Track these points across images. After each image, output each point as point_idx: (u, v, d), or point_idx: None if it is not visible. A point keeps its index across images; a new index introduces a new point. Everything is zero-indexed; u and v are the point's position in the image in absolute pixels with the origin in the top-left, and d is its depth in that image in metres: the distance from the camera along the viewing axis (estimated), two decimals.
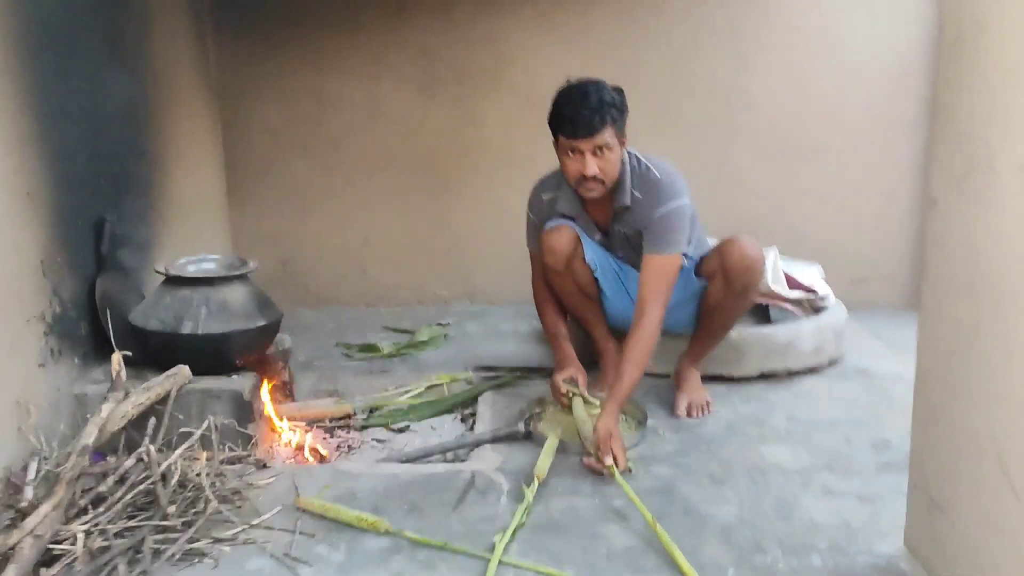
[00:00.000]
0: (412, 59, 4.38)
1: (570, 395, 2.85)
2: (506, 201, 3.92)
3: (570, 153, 2.77)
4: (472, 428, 3.08)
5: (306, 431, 3.02)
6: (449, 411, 3.28)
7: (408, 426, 3.16)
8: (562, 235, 2.97)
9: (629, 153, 2.91)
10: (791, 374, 3.35)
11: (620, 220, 2.95)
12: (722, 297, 2.94)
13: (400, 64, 4.38)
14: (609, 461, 2.54)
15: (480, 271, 4.59)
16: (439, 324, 4.20)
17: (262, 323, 2.87)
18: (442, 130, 4.44)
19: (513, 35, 4.34)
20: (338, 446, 3.00)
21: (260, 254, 4.38)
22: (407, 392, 3.38)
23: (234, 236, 4.56)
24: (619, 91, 2.78)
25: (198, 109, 4.17)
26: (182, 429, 2.60)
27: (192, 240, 3.94)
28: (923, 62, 4.23)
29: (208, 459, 2.49)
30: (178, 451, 2.40)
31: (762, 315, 3.60)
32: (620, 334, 3.22)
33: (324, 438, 3.04)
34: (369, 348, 3.86)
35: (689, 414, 3.02)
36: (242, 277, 2.92)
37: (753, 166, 4.39)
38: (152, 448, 2.40)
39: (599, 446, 2.58)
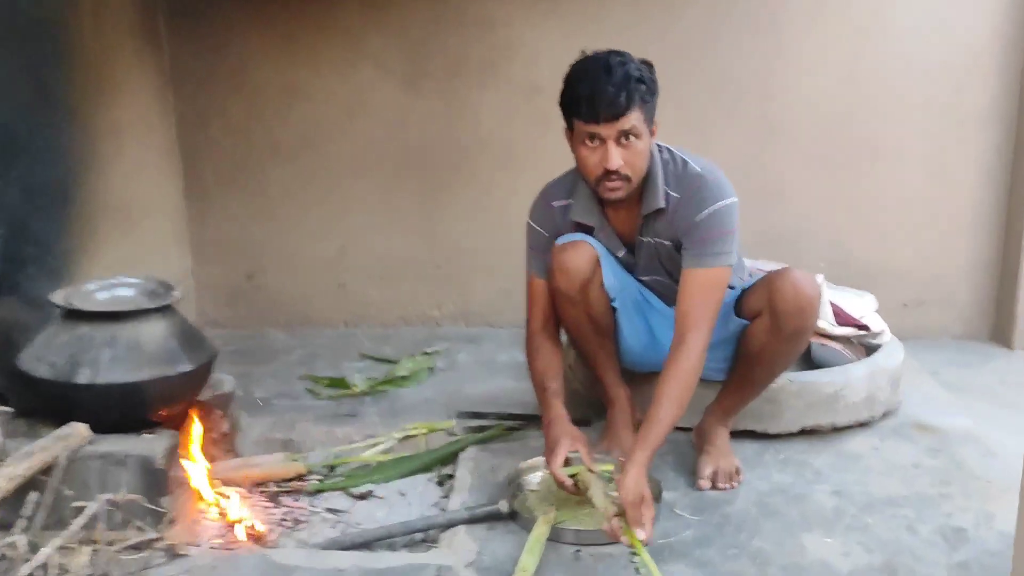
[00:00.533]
0: (397, 46, 3.88)
1: (582, 483, 2.30)
2: (506, 209, 3.44)
3: (588, 142, 2.28)
4: (449, 495, 2.58)
5: (244, 498, 2.53)
6: (426, 469, 2.78)
7: (372, 491, 2.66)
8: (579, 252, 2.47)
9: (659, 146, 2.44)
10: (837, 429, 2.82)
11: (650, 229, 2.47)
12: (767, 342, 2.43)
13: (383, 52, 3.89)
14: (642, 535, 2.08)
15: (476, 288, 4.10)
16: (425, 353, 3.70)
17: (186, 368, 2.38)
18: (431, 127, 3.95)
19: (514, 19, 3.84)
20: (282, 519, 2.51)
21: (223, 266, 4.01)
22: (375, 444, 2.88)
23: (193, 247, 4.09)
24: (648, 65, 2.30)
25: (146, 101, 3.69)
26: (76, 504, 2.13)
27: (136, 254, 3.47)
28: (995, 51, 3.70)
29: (94, 548, 2.01)
30: (50, 546, 1.92)
31: (802, 355, 3.07)
32: (630, 377, 2.77)
33: (266, 507, 2.55)
34: (338, 383, 3.36)
35: (714, 485, 2.51)
36: (163, 309, 2.42)
37: (793, 173, 3.88)
38: (22, 539, 1.92)
39: (627, 512, 2.11)
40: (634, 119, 2.22)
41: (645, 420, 2.28)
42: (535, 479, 2.53)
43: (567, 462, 2.33)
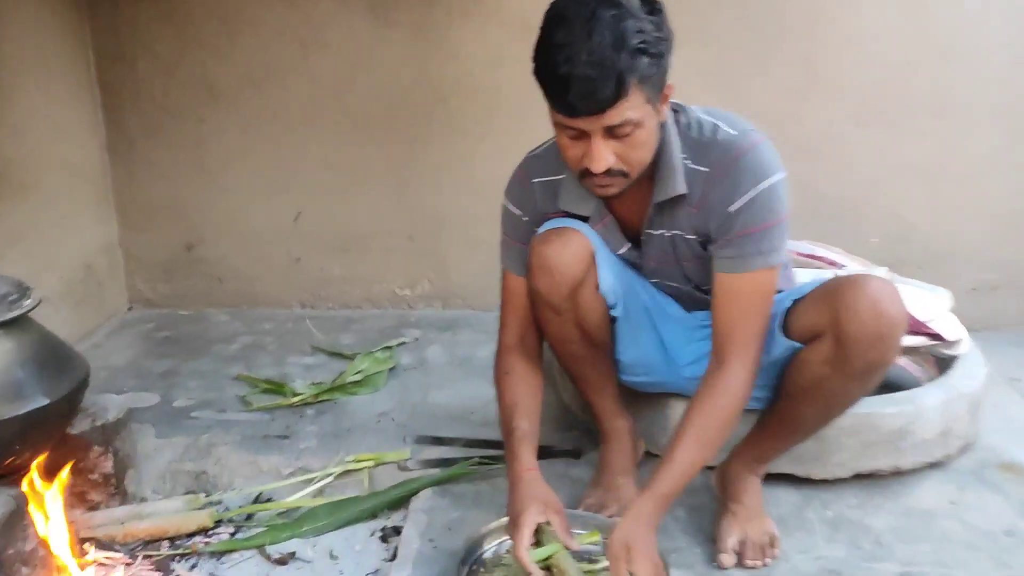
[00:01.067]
0: None
1: (558, 570, 1.73)
2: (492, 169, 2.74)
3: (568, 132, 1.66)
4: (394, 557, 2.02)
5: (125, 565, 1.98)
6: (371, 516, 2.21)
7: (295, 552, 2.10)
8: (567, 245, 1.88)
9: (676, 108, 1.81)
10: (899, 472, 2.22)
11: (664, 219, 1.86)
12: (827, 376, 1.80)
13: None
14: None
15: (455, 264, 3.53)
16: (386, 348, 3.12)
17: (38, 404, 1.81)
18: (402, 68, 3.33)
19: None
20: None
21: (157, 235, 3.53)
22: (309, 480, 2.31)
23: (120, 211, 3.55)
24: (653, 11, 1.59)
25: (51, 34, 3.09)
26: None
27: (38, 225, 3.03)
28: None
29: None
30: None
31: None
32: (632, 399, 2.22)
33: None
34: (276, 388, 2.80)
35: (741, 561, 1.92)
36: (8, 324, 1.83)
37: (841, 131, 3.24)
38: None
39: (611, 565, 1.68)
40: (628, 109, 1.58)
41: (661, 460, 1.73)
42: (503, 549, 1.94)
43: (537, 538, 1.76)
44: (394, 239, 3.50)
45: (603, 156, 1.63)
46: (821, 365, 1.79)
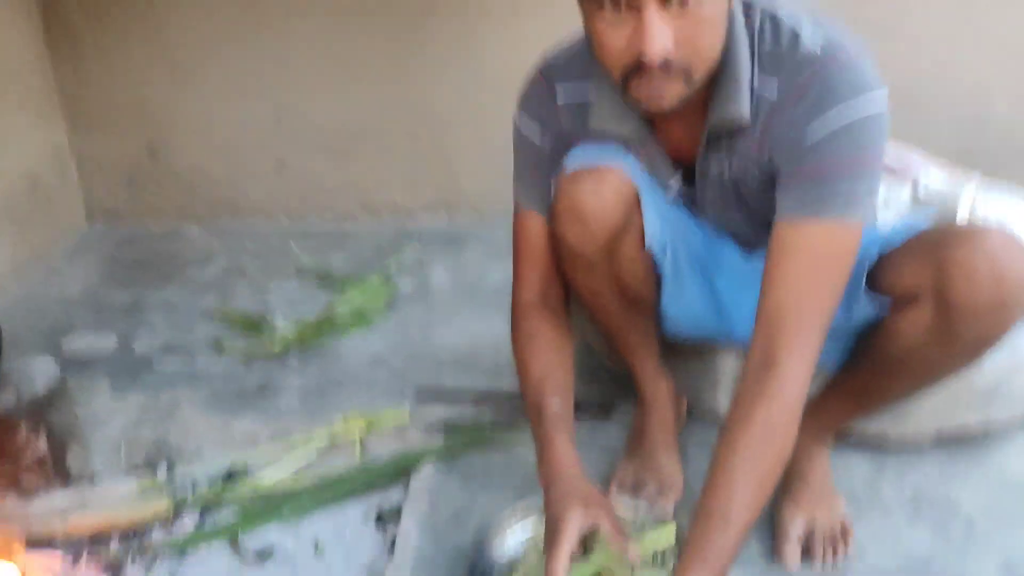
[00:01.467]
0: None
1: None
2: (506, 59, 2.50)
3: (608, 11, 1.28)
4: (392, 548, 1.76)
5: (71, 562, 1.74)
6: (362, 491, 1.94)
7: (272, 546, 1.84)
8: (604, 185, 1.54)
9: (748, 5, 1.42)
10: (987, 431, 1.93)
11: (723, 148, 1.50)
12: (926, 347, 1.47)
13: None
14: None
15: (463, 167, 3.19)
16: (382, 272, 2.83)
17: None
18: None
19: None
20: None
21: (114, 137, 3.21)
22: (292, 449, 2.05)
23: (67, 112, 3.22)
24: None
25: None
26: None
27: None
28: None
29: None
30: None
31: None
32: (669, 352, 1.93)
33: None
34: (253, 326, 2.53)
35: (810, 553, 1.64)
36: None
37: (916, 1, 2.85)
38: None
39: None
40: None
41: (701, 515, 1.35)
42: (523, 538, 1.65)
43: (588, 544, 1.43)
44: (393, 139, 3.16)
45: (659, 33, 1.26)
46: (918, 333, 1.46)
